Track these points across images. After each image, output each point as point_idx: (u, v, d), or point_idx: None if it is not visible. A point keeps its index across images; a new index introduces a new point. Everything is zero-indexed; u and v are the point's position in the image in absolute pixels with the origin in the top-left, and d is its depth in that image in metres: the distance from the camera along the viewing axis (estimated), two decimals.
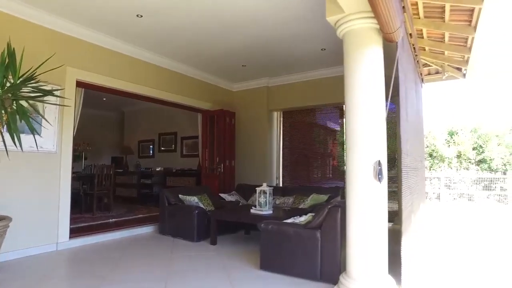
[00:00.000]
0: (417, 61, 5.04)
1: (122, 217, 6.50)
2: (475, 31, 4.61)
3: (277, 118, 7.94)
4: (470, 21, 4.50)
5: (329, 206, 3.31)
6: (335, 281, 3.10)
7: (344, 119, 6.26)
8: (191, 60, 6.46)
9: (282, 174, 7.82)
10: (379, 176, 2.75)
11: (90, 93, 5.49)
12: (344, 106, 3.25)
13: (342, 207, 3.20)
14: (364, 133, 2.84)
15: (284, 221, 3.83)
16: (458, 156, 12.82)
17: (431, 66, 6.84)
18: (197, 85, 7.10)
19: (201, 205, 5.49)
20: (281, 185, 7.58)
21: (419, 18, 5.09)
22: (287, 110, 7.75)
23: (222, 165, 7.01)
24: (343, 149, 7.02)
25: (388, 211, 3.03)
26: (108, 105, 10.14)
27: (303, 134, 7.58)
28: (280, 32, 5.19)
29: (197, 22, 4.78)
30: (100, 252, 4.52)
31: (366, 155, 2.81)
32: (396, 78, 2.91)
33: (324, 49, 5.84)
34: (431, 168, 13.16)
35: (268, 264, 3.64)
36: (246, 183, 6.94)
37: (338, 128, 7.36)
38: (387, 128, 2.94)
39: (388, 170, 3.38)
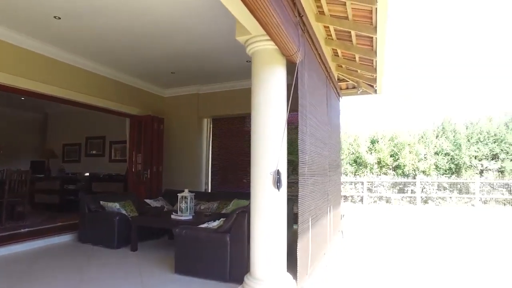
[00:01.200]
0: (330, 77, 5.54)
1: (38, 226, 6.11)
2: (376, 55, 5.22)
3: (207, 125, 8.10)
4: (372, 46, 5.10)
5: (237, 212, 3.56)
6: (242, 281, 3.34)
7: None
8: (119, 64, 6.36)
9: (212, 180, 7.99)
10: (278, 184, 3.05)
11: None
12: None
13: (249, 212, 3.45)
14: (265, 145, 3.12)
15: (199, 226, 4.00)
16: (378, 162, 14.09)
17: (348, 81, 7.54)
18: (126, 90, 6.99)
19: (124, 212, 5.44)
20: (209, 190, 7.74)
21: (333, 39, 5.64)
22: (216, 117, 7.95)
23: (149, 171, 6.98)
24: None
25: (295, 214, 3.36)
26: (27, 105, 9.44)
27: (231, 141, 7.82)
28: (207, 44, 5.39)
29: (124, 27, 4.77)
30: (3, 266, 4.20)
31: (267, 165, 3.09)
32: (296, 96, 3.25)
33: (249, 61, 6.12)
34: (356, 173, 14.28)
35: (182, 267, 3.78)
36: (173, 189, 6.97)
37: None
38: (296, 139, 3.26)
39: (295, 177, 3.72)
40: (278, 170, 3.07)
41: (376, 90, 7.31)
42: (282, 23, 2.57)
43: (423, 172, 13.72)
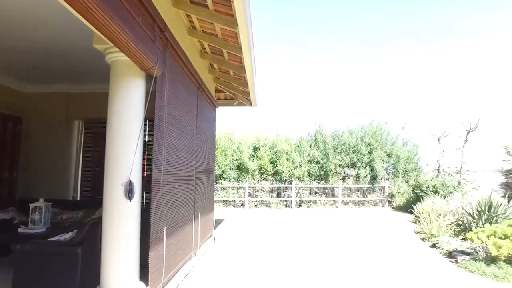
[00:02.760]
0: (203, 89, 5.77)
1: None
2: (245, 72, 5.65)
3: (79, 128, 7.49)
4: (242, 63, 5.51)
5: (90, 222, 3.44)
6: None
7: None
8: None
9: (81, 187, 7.40)
10: (130, 195, 3.08)
11: None
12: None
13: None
14: (117, 155, 3.13)
15: (49, 239, 3.72)
16: (260, 169, 15.05)
17: (226, 92, 7.93)
18: None
19: None
20: (78, 198, 7.16)
21: (208, 53, 5.89)
22: (89, 120, 7.41)
23: None
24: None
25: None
26: None
27: (104, 146, 7.37)
28: (76, 42, 4.98)
29: None
30: None
31: (119, 175, 3.10)
32: (152, 107, 3.33)
33: None
34: (239, 179, 14.96)
35: None
36: (32, 197, 6.23)
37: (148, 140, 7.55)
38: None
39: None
40: (130, 181, 3.09)
41: (251, 102, 7.86)
42: (133, 40, 2.64)
43: (298, 178, 15.19)
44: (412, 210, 11.36)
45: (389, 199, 15.51)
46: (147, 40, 3.01)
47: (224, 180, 14.82)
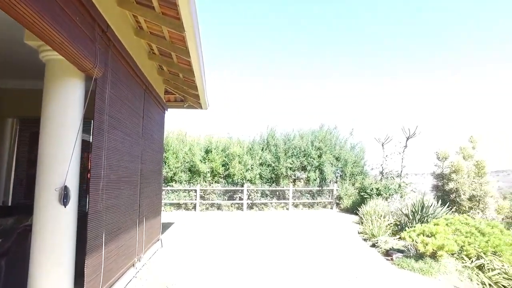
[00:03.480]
0: (150, 91, 5.66)
1: None
2: (194, 75, 5.64)
3: (12, 126, 6.96)
4: (190, 67, 5.48)
5: (18, 230, 3.23)
6: None
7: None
8: None
9: (15, 191, 6.87)
10: (65, 200, 2.95)
11: None
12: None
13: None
14: (51, 159, 2.98)
15: None
16: (211, 171, 14.98)
17: (176, 94, 7.83)
18: None
19: None
20: (9, 203, 6.65)
21: (156, 54, 5.79)
22: (26, 118, 6.93)
23: None
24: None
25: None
26: None
27: None
28: (5, 34, 4.64)
29: None
30: None
31: (53, 179, 2.95)
32: (92, 110, 3.22)
33: None
34: (190, 182, 14.75)
35: None
36: None
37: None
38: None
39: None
40: (65, 186, 2.96)
41: (201, 105, 7.83)
42: (68, 40, 2.54)
43: (250, 180, 15.33)
44: (357, 212, 11.98)
45: (337, 201, 16.19)
46: (85, 40, 2.91)
47: (175, 182, 14.54)
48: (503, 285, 5.48)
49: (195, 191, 14.48)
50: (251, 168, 15.49)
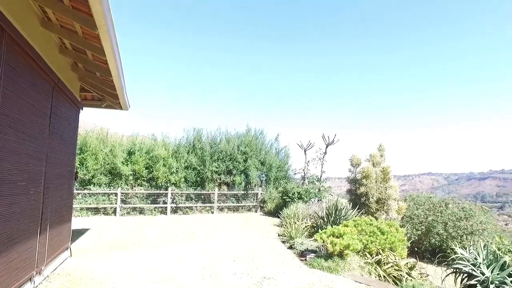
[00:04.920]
0: (61, 88, 5.25)
1: None
2: (111, 75, 5.37)
3: None
4: (108, 65, 5.20)
5: None
6: None
7: None
8: None
9: None
10: None
11: None
12: None
13: None
14: None
15: None
16: (134, 174, 14.30)
17: (94, 93, 7.36)
18: None
19: None
20: None
21: (69, 49, 5.40)
22: None
23: None
24: None
25: None
26: None
27: None
28: None
29: None
30: None
31: None
32: None
33: None
34: (110, 185, 13.88)
35: None
36: None
37: None
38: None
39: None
40: None
41: (121, 105, 7.47)
42: None
43: (175, 184, 14.97)
44: (279, 215, 12.46)
45: (261, 205, 16.63)
46: None
47: (94, 185, 13.56)
48: (394, 276, 6.21)
49: (116, 194, 13.69)
50: (176, 171, 15.16)
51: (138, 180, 14.56)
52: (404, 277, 6.11)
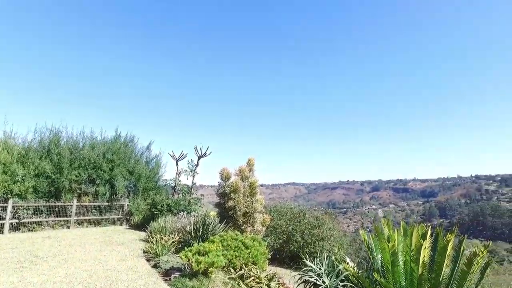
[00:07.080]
0: None
1: None
2: None
3: None
4: None
5: None
6: None
7: None
8: None
9: None
10: None
11: None
12: None
13: None
14: None
15: None
16: None
17: None
18: None
19: None
20: None
21: None
22: None
23: None
24: None
25: None
26: None
27: None
28: None
29: None
30: None
31: None
32: None
33: None
34: None
35: None
36: None
37: None
38: None
39: None
40: None
41: None
42: None
43: (19, 195, 12.57)
44: (146, 229, 11.74)
45: (128, 217, 15.46)
46: None
47: None
48: None
49: None
50: (22, 179, 12.79)
51: None
52: None
